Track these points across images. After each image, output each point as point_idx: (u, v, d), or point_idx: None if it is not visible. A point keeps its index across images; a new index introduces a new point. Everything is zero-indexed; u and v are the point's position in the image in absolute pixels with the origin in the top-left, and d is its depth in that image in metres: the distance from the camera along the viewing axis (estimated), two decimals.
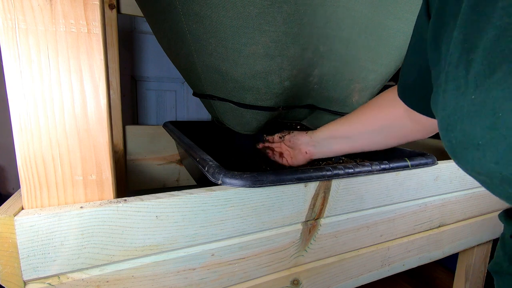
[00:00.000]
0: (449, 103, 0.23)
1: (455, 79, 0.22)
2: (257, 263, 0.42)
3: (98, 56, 0.30)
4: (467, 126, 0.21)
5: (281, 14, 0.42)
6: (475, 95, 0.20)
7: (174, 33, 0.50)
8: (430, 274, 1.05)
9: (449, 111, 0.23)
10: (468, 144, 0.21)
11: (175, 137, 0.67)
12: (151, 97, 1.11)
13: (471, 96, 0.20)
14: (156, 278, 0.36)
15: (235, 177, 0.37)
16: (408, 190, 0.54)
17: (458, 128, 0.22)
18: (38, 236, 0.29)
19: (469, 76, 0.21)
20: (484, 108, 0.20)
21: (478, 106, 0.20)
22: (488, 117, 0.19)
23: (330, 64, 0.54)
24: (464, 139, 0.21)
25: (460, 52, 0.22)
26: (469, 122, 0.21)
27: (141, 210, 0.33)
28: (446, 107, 0.23)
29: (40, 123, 0.29)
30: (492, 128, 0.19)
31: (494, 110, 0.19)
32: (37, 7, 0.27)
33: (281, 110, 0.59)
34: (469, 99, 0.21)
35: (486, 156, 0.20)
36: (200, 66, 0.52)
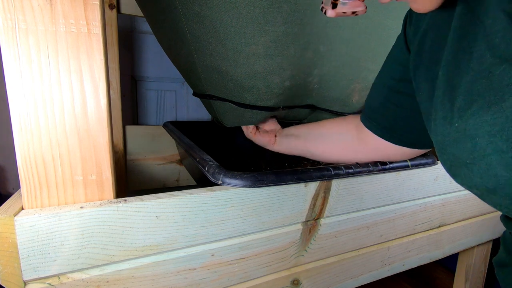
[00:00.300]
0: (439, 130, 0.27)
1: (442, 110, 0.27)
2: (257, 263, 0.42)
3: (98, 56, 0.30)
4: (454, 149, 0.25)
5: (281, 14, 0.42)
6: (458, 123, 0.25)
7: (174, 33, 0.50)
8: (430, 274, 1.05)
9: (440, 137, 0.27)
10: (459, 163, 0.25)
11: (175, 137, 0.67)
12: (151, 97, 1.11)
13: (455, 124, 0.25)
14: (156, 278, 0.36)
15: (235, 177, 0.37)
16: (408, 190, 0.54)
17: (448, 151, 0.26)
18: (38, 236, 0.29)
19: (454, 109, 0.26)
20: (465, 134, 0.24)
21: (461, 133, 0.24)
22: (468, 141, 0.24)
23: (330, 64, 0.54)
24: (455, 160, 0.26)
25: (444, 89, 0.27)
26: (456, 146, 0.25)
27: (141, 210, 0.33)
28: (438, 133, 0.28)
29: (40, 123, 0.29)
30: (473, 150, 0.23)
31: (471, 136, 0.23)
32: (37, 7, 0.27)
33: (281, 110, 0.59)
34: (454, 127, 0.25)
35: (473, 172, 0.24)
36: (200, 66, 0.52)
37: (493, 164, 0.22)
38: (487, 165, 0.23)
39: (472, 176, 0.25)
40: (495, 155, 0.22)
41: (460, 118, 0.25)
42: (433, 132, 0.29)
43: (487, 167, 0.23)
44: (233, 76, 0.50)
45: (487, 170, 0.23)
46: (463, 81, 0.25)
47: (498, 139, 0.22)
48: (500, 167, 0.22)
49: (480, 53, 0.24)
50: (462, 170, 0.26)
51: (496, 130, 0.22)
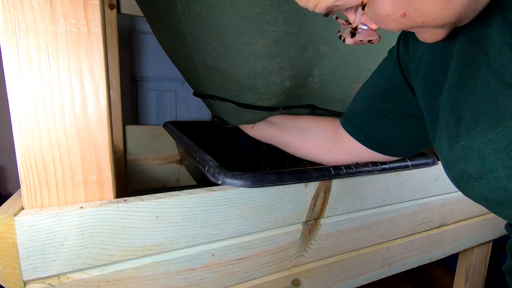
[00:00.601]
0: (444, 147, 0.29)
1: (447, 129, 0.29)
2: (257, 263, 0.42)
3: (98, 56, 0.30)
4: (462, 165, 0.27)
5: (282, 14, 0.42)
6: (464, 141, 0.27)
7: (174, 33, 0.50)
8: (430, 274, 1.05)
9: (445, 153, 0.29)
10: (467, 178, 0.27)
11: (175, 137, 0.67)
12: (151, 97, 1.11)
13: (461, 142, 0.27)
14: (156, 278, 0.36)
15: (235, 177, 0.37)
16: (408, 190, 0.54)
17: (456, 167, 0.28)
18: (38, 236, 0.29)
19: (459, 128, 0.28)
20: (471, 151, 0.26)
21: (467, 150, 0.26)
22: (476, 158, 0.26)
23: (330, 64, 0.54)
24: (462, 175, 0.28)
25: (449, 110, 0.29)
26: (464, 162, 0.27)
27: (141, 210, 0.33)
28: (443, 149, 0.30)
29: (40, 123, 0.29)
30: (482, 166, 0.25)
31: (479, 153, 0.25)
32: (37, 7, 0.27)
33: (281, 110, 0.59)
34: (460, 144, 0.27)
35: (482, 186, 0.26)
36: (200, 66, 0.52)
37: (501, 178, 0.24)
38: (496, 179, 0.25)
39: (481, 190, 0.26)
40: (503, 170, 0.24)
41: (466, 136, 0.27)
42: (438, 148, 0.32)
43: (496, 181, 0.25)
44: (233, 76, 0.50)
45: (496, 184, 0.25)
46: (469, 104, 0.28)
47: (505, 155, 0.24)
48: (508, 180, 0.24)
49: (485, 80, 0.26)
50: (470, 184, 0.27)
51: (502, 147, 0.24)
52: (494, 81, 0.26)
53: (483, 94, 0.26)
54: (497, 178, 0.24)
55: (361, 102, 0.45)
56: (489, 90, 0.26)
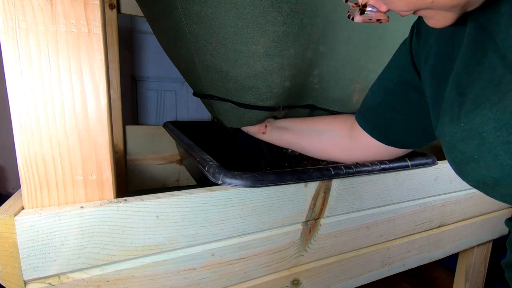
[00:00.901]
0: (447, 131, 0.30)
1: (450, 114, 0.30)
2: (257, 263, 0.42)
3: (98, 56, 0.30)
4: (462, 147, 0.28)
5: (282, 14, 0.42)
6: (463, 123, 0.28)
7: (174, 33, 0.50)
8: (430, 274, 1.05)
9: (447, 138, 0.30)
10: (467, 159, 0.28)
11: (175, 137, 0.67)
12: (151, 97, 1.11)
13: (461, 124, 0.28)
14: (156, 278, 0.36)
15: (235, 177, 0.37)
16: (408, 190, 0.54)
17: (457, 149, 0.29)
18: (39, 236, 0.29)
19: (461, 112, 0.28)
20: (471, 132, 0.27)
21: (468, 132, 0.27)
22: (476, 138, 0.26)
23: (330, 64, 0.54)
24: (463, 157, 0.28)
25: (454, 95, 0.30)
26: (464, 143, 0.28)
27: (141, 210, 0.33)
28: (445, 135, 0.30)
29: (41, 123, 0.29)
30: (481, 145, 0.26)
31: (479, 132, 0.26)
32: (38, 7, 0.27)
33: (281, 110, 0.59)
34: (460, 127, 0.28)
35: (481, 166, 0.27)
36: (200, 66, 0.52)
37: (499, 154, 0.25)
38: (494, 156, 0.25)
39: (480, 170, 0.27)
40: (502, 146, 0.24)
41: (466, 118, 0.28)
42: (441, 134, 0.32)
43: (494, 159, 0.25)
44: (233, 76, 0.50)
45: (494, 161, 0.25)
46: (473, 88, 0.28)
47: (504, 132, 0.24)
48: (505, 156, 0.24)
49: (492, 65, 0.27)
50: (470, 165, 0.28)
51: (502, 124, 0.24)
52: (500, 65, 0.26)
53: (489, 78, 0.27)
54: (495, 155, 0.25)
55: (375, 97, 0.45)
56: (495, 75, 0.26)
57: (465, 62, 0.30)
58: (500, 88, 0.25)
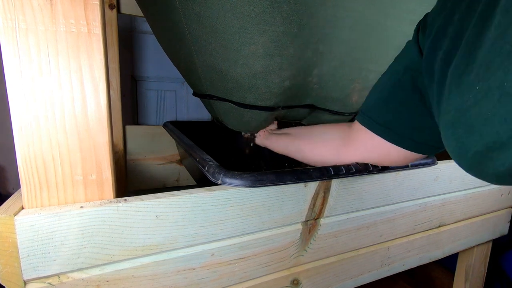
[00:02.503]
0: (452, 105, 0.29)
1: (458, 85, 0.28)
2: (257, 263, 0.42)
3: (98, 56, 0.30)
4: (476, 109, 0.26)
5: (281, 14, 0.42)
6: (478, 86, 0.26)
7: (174, 33, 0.50)
8: (430, 274, 1.05)
9: (453, 111, 0.29)
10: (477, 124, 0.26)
11: (175, 137, 0.67)
12: (151, 97, 1.11)
13: (475, 88, 0.26)
14: (156, 277, 0.36)
15: (235, 177, 0.37)
16: (408, 190, 0.54)
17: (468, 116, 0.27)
18: (38, 236, 0.29)
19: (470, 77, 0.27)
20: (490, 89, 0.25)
21: (485, 91, 0.25)
22: (495, 93, 0.25)
23: (329, 64, 0.54)
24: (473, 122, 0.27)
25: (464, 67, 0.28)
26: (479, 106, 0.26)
27: (141, 210, 0.33)
28: (450, 110, 0.29)
29: (40, 123, 0.29)
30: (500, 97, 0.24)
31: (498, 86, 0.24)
32: (37, 6, 0.27)
33: (281, 110, 0.59)
34: (474, 91, 0.26)
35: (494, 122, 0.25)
36: (200, 66, 0.52)
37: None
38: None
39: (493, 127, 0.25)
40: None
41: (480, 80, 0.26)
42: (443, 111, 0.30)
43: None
44: (233, 76, 0.50)
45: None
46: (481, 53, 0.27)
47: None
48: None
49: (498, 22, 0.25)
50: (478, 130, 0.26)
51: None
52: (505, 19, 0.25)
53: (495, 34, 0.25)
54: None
55: (379, 92, 0.43)
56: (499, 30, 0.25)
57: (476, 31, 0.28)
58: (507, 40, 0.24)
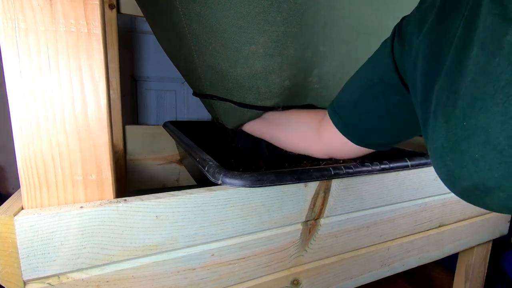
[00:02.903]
0: (440, 135, 0.29)
1: (444, 115, 0.29)
2: (257, 263, 0.42)
3: (98, 56, 0.30)
4: (464, 147, 0.26)
5: (281, 14, 0.42)
6: (466, 122, 0.26)
7: (174, 33, 0.50)
8: (430, 274, 1.05)
9: (441, 141, 0.29)
10: (465, 162, 0.26)
11: (175, 137, 0.67)
12: (151, 97, 1.11)
13: (462, 123, 0.26)
14: (156, 278, 0.36)
15: (235, 177, 0.37)
16: (408, 190, 0.54)
17: (455, 151, 0.27)
18: (38, 236, 0.29)
19: (456, 110, 0.27)
20: (477, 129, 0.25)
21: (471, 130, 0.26)
22: (481, 135, 0.25)
23: (329, 64, 0.54)
24: (461, 158, 0.27)
25: (447, 95, 0.29)
26: (466, 143, 0.26)
27: (141, 210, 0.33)
28: (438, 138, 0.29)
29: (40, 123, 0.29)
30: (486, 142, 0.24)
31: (484, 128, 0.25)
32: (37, 6, 0.27)
33: (281, 110, 0.59)
34: (461, 126, 0.27)
35: (480, 167, 0.25)
36: (200, 66, 0.52)
37: (504, 149, 0.23)
38: (498, 152, 0.24)
39: (479, 171, 0.25)
40: (507, 140, 0.23)
41: (466, 116, 0.26)
42: (431, 138, 0.31)
43: (497, 155, 0.24)
44: (233, 76, 0.50)
45: (498, 158, 0.24)
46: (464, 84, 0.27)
47: (510, 125, 0.23)
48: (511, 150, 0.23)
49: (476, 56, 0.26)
50: (466, 168, 0.26)
51: (507, 117, 0.23)
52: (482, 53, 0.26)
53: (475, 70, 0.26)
54: (500, 151, 0.24)
55: (351, 94, 0.44)
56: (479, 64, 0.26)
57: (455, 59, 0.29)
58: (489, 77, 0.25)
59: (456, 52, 0.29)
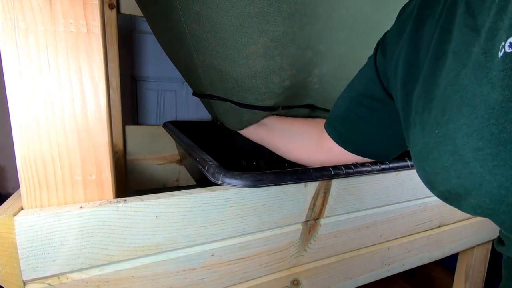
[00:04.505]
0: (418, 141, 0.30)
1: (421, 122, 0.29)
2: (257, 263, 0.42)
3: (97, 56, 0.30)
4: (436, 155, 0.27)
5: (281, 14, 0.42)
6: (438, 130, 0.27)
7: (174, 33, 0.50)
8: (430, 274, 1.05)
9: (419, 147, 0.29)
10: (438, 168, 0.27)
11: (175, 137, 0.67)
12: (151, 97, 1.11)
13: (435, 131, 0.27)
14: (156, 278, 0.36)
15: (235, 177, 0.37)
16: (408, 190, 0.54)
17: (430, 158, 0.28)
18: (38, 236, 0.29)
19: (430, 119, 0.28)
20: (446, 138, 0.26)
21: (442, 138, 0.26)
22: (449, 144, 0.25)
23: (330, 64, 0.54)
24: (434, 165, 0.27)
25: (423, 103, 0.29)
26: (438, 151, 0.27)
27: (141, 210, 0.33)
28: (416, 144, 0.30)
29: (40, 123, 0.29)
30: (454, 152, 0.25)
31: (452, 138, 0.25)
32: (37, 6, 0.27)
33: (281, 110, 0.59)
34: (434, 134, 0.27)
35: (451, 174, 0.26)
36: (200, 66, 0.52)
37: (470, 161, 0.24)
38: (465, 163, 0.24)
39: (450, 179, 0.26)
40: (472, 153, 0.23)
41: (438, 125, 0.27)
42: (412, 143, 0.32)
43: (464, 166, 0.24)
44: (233, 76, 0.50)
45: (464, 169, 0.24)
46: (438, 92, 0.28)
47: (474, 138, 0.23)
48: (475, 163, 0.23)
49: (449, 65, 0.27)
50: (440, 175, 0.27)
51: (472, 130, 0.23)
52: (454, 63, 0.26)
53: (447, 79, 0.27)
54: (466, 162, 0.24)
55: (341, 105, 0.47)
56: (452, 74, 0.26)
57: (431, 67, 0.30)
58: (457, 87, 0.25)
59: (432, 59, 0.30)
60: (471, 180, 0.24)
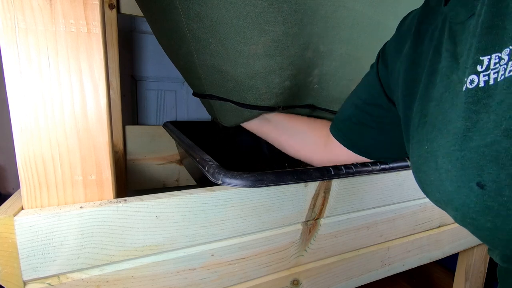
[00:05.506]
0: (415, 153, 0.31)
1: (417, 136, 0.31)
2: (257, 263, 0.42)
3: (98, 56, 0.30)
4: (425, 168, 0.29)
5: (281, 14, 0.42)
6: (427, 146, 0.29)
7: (174, 33, 0.50)
8: (430, 274, 1.05)
9: (415, 158, 0.31)
10: (427, 181, 0.29)
11: (175, 137, 0.67)
12: (151, 97, 1.11)
13: (425, 147, 0.29)
14: (156, 278, 0.36)
15: (235, 177, 0.37)
16: (408, 190, 0.54)
17: (422, 170, 0.30)
18: (38, 236, 0.29)
19: (423, 134, 0.30)
20: (431, 155, 0.28)
21: (429, 154, 0.28)
22: (433, 161, 0.27)
23: (330, 64, 0.54)
24: (425, 177, 0.29)
25: (419, 118, 0.31)
26: (426, 166, 0.29)
27: (141, 210, 0.33)
28: (414, 155, 0.32)
29: (40, 123, 0.29)
30: (436, 168, 0.27)
31: (436, 156, 0.27)
32: (37, 6, 0.27)
33: (281, 110, 0.59)
34: (424, 149, 0.29)
35: (433, 189, 0.28)
36: (200, 66, 0.52)
37: (443, 180, 0.26)
38: (441, 181, 0.26)
39: (434, 192, 0.28)
40: (445, 173, 0.26)
41: (428, 141, 0.29)
42: (411, 154, 0.33)
43: (441, 183, 0.26)
44: (233, 76, 0.50)
45: (441, 186, 0.27)
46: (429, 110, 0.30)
47: (446, 159, 0.26)
48: (447, 182, 0.26)
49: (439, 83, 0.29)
50: (429, 186, 0.29)
51: (446, 152, 0.26)
52: (440, 84, 0.28)
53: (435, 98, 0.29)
54: (442, 180, 0.26)
55: (346, 110, 0.48)
56: (438, 94, 0.29)
57: (425, 84, 0.32)
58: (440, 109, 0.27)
59: (427, 77, 0.32)
60: (446, 196, 0.26)
